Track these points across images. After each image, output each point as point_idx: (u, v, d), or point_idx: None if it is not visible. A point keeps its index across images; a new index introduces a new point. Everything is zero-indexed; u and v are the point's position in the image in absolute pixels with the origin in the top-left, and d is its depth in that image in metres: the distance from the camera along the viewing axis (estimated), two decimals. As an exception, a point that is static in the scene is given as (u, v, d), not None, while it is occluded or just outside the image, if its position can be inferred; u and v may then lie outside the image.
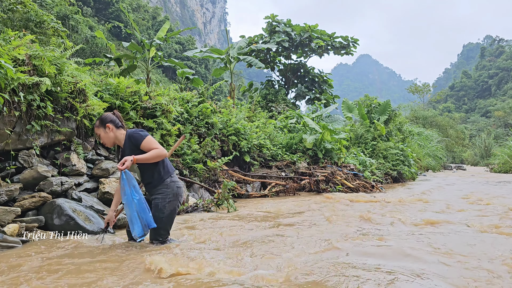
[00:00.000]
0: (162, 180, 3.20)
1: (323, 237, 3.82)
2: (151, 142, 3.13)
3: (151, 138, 3.17)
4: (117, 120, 3.31)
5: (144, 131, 3.22)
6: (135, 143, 3.14)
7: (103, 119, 3.26)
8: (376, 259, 2.97)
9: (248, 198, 7.76)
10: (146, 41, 11.63)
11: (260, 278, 2.44)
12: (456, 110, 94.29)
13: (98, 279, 2.38)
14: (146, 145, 3.11)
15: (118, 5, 57.32)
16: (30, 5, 11.47)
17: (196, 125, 7.76)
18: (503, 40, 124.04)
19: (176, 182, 3.27)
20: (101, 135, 3.27)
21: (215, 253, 3.09)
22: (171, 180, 3.23)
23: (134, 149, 3.14)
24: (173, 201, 3.21)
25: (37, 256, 2.89)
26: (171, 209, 3.19)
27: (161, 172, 3.21)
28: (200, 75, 65.44)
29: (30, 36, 4.51)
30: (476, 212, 5.87)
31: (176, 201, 3.23)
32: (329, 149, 10.63)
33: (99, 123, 3.27)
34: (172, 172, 3.31)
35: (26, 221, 3.55)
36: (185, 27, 71.41)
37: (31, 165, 4.10)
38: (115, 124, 3.27)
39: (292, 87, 22.64)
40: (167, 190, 3.19)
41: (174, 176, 3.29)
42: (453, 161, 44.11)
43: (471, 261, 2.98)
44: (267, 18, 22.08)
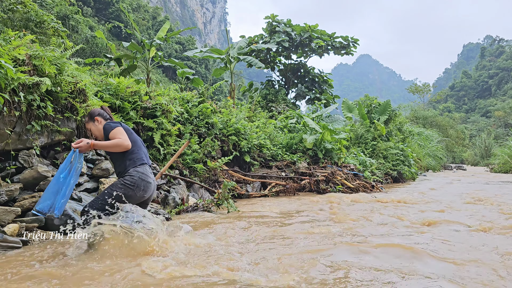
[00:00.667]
0: (126, 170, 3.18)
1: (324, 238, 3.82)
2: (117, 133, 3.17)
3: (119, 130, 3.19)
4: (105, 113, 3.46)
5: (116, 123, 3.27)
6: (105, 134, 3.24)
7: (92, 114, 3.41)
8: (375, 260, 2.97)
9: (248, 198, 7.76)
10: (146, 41, 11.64)
11: (254, 281, 2.44)
12: (456, 110, 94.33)
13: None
14: (112, 136, 3.17)
15: (118, 5, 57.34)
16: (30, 5, 11.48)
17: (196, 125, 7.76)
18: (503, 40, 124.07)
19: (142, 173, 3.15)
20: (92, 129, 3.39)
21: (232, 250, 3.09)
22: (135, 169, 3.15)
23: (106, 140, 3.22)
24: (128, 187, 3.07)
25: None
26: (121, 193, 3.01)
27: (127, 163, 3.20)
28: (200, 75, 65.46)
29: (30, 36, 4.51)
30: (476, 212, 5.87)
31: (132, 190, 3.08)
32: (329, 149, 10.62)
33: (88, 118, 3.40)
34: (140, 164, 3.20)
35: (26, 221, 3.55)
36: (185, 27, 71.42)
37: (31, 165, 4.10)
38: (103, 116, 3.42)
39: (292, 87, 22.65)
40: (128, 177, 3.12)
41: (140, 167, 3.18)
42: (453, 161, 44.12)
43: (471, 261, 2.98)
44: (267, 18, 22.09)
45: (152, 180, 3.25)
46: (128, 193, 3.08)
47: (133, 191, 3.10)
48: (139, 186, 3.13)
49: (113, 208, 3.01)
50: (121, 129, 3.22)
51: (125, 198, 3.06)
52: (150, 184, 3.22)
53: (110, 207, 3.01)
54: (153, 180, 3.27)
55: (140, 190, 3.14)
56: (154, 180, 3.30)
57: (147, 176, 3.20)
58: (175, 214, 5.34)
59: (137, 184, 3.12)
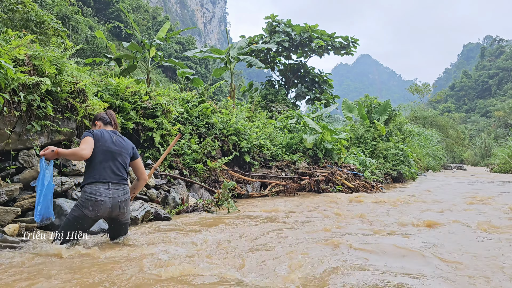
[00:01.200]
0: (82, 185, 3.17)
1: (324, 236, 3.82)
2: (82, 142, 3.16)
3: (86, 139, 3.17)
4: (106, 117, 3.52)
5: (89, 132, 3.25)
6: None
7: (95, 117, 3.55)
8: (375, 260, 2.97)
9: (248, 198, 7.76)
10: (146, 41, 11.64)
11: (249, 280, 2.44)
12: (456, 110, 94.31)
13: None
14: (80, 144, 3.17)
15: (118, 5, 57.33)
16: (30, 5, 11.48)
17: (196, 125, 7.76)
18: (503, 40, 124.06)
19: (88, 193, 3.08)
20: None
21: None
22: (83, 190, 3.12)
23: None
24: (77, 209, 3.07)
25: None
26: (73, 216, 3.07)
27: (84, 177, 3.19)
28: (200, 75, 65.45)
29: (30, 36, 4.51)
30: (476, 212, 5.87)
31: (80, 211, 3.06)
32: (329, 149, 10.62)
33: (92, 122, 3.55)
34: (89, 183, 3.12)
35: (26, 221, 3.55)
36: (185, 27, 71.43)
37: (31, 165, 4.10)
38: (103, 121, 3.50)
39: (292, 87, 22.64)
40: (79, 198, 3.13)
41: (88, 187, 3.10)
42: (453, 161, 44.10)
43: (471, 261, 2.98)
44: (267, 18, 22.09)
45: (105, 197, 3.10)
46: (80, 215, 3.07)
47: (82, 212, 3.06)
48: (86, 207, 3.06)
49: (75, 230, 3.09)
50: (88, 138, 3.18)
51: (79, 220, 3.07)
52: (101, 202, 3.09)
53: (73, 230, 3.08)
54: (108, 197, 3.12)
55: (89, 210, 3.06)
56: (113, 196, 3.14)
57: (95, 195, 3.08)
58: (175, 214, 5.34)
59: (84, 204, 3.07)
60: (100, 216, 3.14)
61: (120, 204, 3.19)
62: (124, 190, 3.25)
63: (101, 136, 3.26)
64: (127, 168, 3.37)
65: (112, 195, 3.15)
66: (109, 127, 3.47)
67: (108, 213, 3.15)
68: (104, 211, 3.11)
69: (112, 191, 3.16)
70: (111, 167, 3.22)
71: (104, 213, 3.13)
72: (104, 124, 3.46)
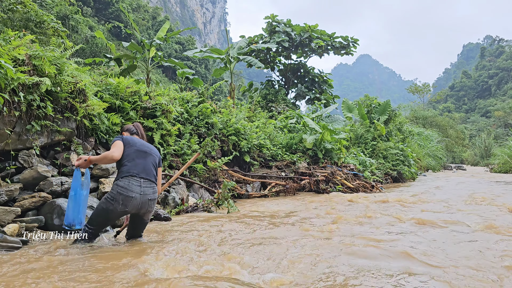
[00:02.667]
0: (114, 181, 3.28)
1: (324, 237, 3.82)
2: (112, 146, 3.34)
3: (115, 143, 3.35)
4: (133, 128, 3.73)
5: (118, 138, 3.43)
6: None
7: (122, 128, 3.76)
8: (374, 261, 2.97)
9: (248, 198, 7.76)
10: (146, 41, 11.63)
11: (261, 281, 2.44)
12: (456, 110, 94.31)
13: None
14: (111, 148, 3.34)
15: (118, 5, 57.31)
16: (30, 5, 11.48)
17: (196, 125, 7.76)
18: (503, 40, 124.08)
19: (121, 187, 3.15)
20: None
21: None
22: (116, 183, 3.20)
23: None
24: (107, 201, 3.14)
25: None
26: (101, 207, 3.16)
27: (117, 174, 3.31)
28: (200, 75, 65.45)
29: (30, 36, 4.51)
30: (476, 212, 5.87)
31: (110, 204, 3.12)
32: (329, 149, 10.63)
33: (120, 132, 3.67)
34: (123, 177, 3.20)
35: (26, 221, 3.55)
36: (185, 27, 71.41)
37: (31, 165, 4.10)
38: (130, 131, 3.70)
39: (292, 87, 22.64)
40: (110, 191, 3.21)
41: (122, 181, 3.18)
42: (453, 161, 44.10)
43: (470, 261, 2.98)
44: (267, 18, 22.09)
45: (136, 194, 3.17)
46: (109, 207, 3.15)
47: (112, 205, 3.13)
48: (117, 200, 3.14)
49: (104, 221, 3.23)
50: (118, 142, 3.36)
51: (107, 212, 3.16)
52: (132, 198, 3.15)
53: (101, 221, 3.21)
54: (139, 194, 3.19)
55: (119, 204, 3.13)
56: (143, 193, 3.22)
57: (127, 190, 3.15)
58: (175, 214, 5.34)
59: (115, 198, 3.14)
60: (128, 212, 3.22)
61: (149, 202, 3.29)
62: (153, 189, 3.34)
63: (131, 139, 3.47)
64: (156, 169, 3.48)
65: (143, 192, 3.23)
66: (136, 137, 3.64)
67: (137, 210, 3.24)
68: (133, 207, 3.20)
69: (143, 188, 3.24)
70: (143, 165, 3.34)
71: (132, 209, 3.21)
72: (131, 134, 3.67)
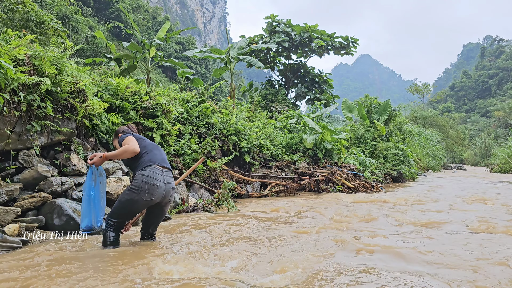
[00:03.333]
0: (134, 174, 3.25)
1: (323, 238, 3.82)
2: (126, 141, 3.30)
3: (128, 138, 3.32)
4: (129, 130, 3.62)
5: (125, 134, 3.43)
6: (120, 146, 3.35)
7: (117, 131, 3.61)
8: (374, 260, 2.97)
9: (248, 198, 7.76)
10: (146, 41, 11.63)
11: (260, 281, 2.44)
12: (456, 110, 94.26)
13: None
14: (123, 144, 3.30)
15: (118, 5, 57.30)
16: (30, 5, 11.48)
17: (196, 125, 7.76)
18: (503, 40, 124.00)
19: (145, 176, 3.13)
20: (115, 146, 3.57)
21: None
22: (140, 173, 3.16)
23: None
24: (132, 192, 3.10)
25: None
26: (126, 198, 3.11)
27: (135, 167, 3.28)
28: (200, 75, 65.43)
29: (30, 36, 4.51)
30: (476, 212, 5.87)
31: (136, 194, 3.09)
32: (329, 149, 10.62)
33: (114, 136, 3.63)
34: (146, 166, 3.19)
35: (26, 221, 3.55)
36: (185, 27, 71.42)
37: (31, 165, 4.10)
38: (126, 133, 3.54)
39: (292, 87, 22.63)
40: (133, 181, 3.17)
41: (145, 170, 3.16)
42: (453, 161, 44.08)
43: (469, 260, 2.98)
44: (267, 18, 22.08)
45: (160, 183, 3.18)
46: (134, 198, 3.11)
47: (138, 195, 3.10)
48: (143, 190, 3.10)
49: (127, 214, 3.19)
50: (130, 137, 3.35)
51: (132, 203, 3.12)
52: (157, 187, 3.16)
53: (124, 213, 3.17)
54: (163, 183, 3.21)
55: (145, 194, 3.11)
56: (166, 182, 3.25)
57: (152, 178, 3.15)
58: (175, 214, 5.34)
59: (140, 187, 3.10)
60: (153, 202, 3.20)
61: (171, 191, 3.33)
62: (172, 178, 3.37)
63: (138, 135, 3.47)
64: None
65: (165, 181, 3.25)
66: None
67: (161, 199, 3.24)
68: (158, 196, 3.19)
69: (165, 178, 3.26)
70: (161, 155, 3.39)
71: (157, 199, 3.21)
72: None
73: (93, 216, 3.19)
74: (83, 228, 3.17)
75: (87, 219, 3.17)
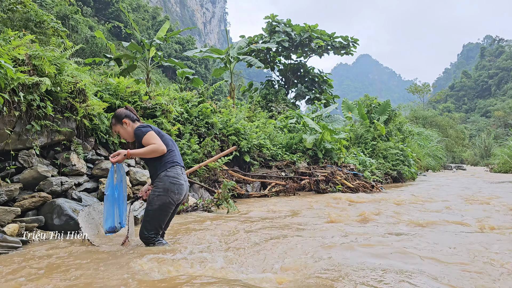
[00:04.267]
0: (157, 174, 3.14)
1: (323, 237, 3.82)
2: (150, 138, 3.11)
3: (151, 134, 3.13)
4: (132, 114, 3.35)
5: (146, 127, 3.19)
6: (138, 140, 3.19)
7: (118, 116, 3.31)
8: (373, 260, 2.97)
9: (248, 198, 7.76)
10: (146, 41, 11.63)
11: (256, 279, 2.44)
12: (456, 110, 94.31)
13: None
14: (146, 141, 3.12)
15: (118, 5, 57.29)
16: (30, 5, 11.47)
17: (196, 125, 7.76)
18: (503, 40, 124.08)
19: (172, 177, 3.10)
20: (120, 132, 3.31)
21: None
22: (165, 174, 3.10)
23: (140, 146, 3.17)
24: (162, 195, 3.06)
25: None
26: (159, 204, 3.05)
27: (157, 166, 3.15)
28: (200, 75, 65.43)
29: (30, 36, 4.51)
30: (476, 211, 5.87)
31: (166, 196, 3.06)
32: (329, 149, 10.62)
33: (115, 121, 3.31)
34: (170, 167, 3.14)
35: (26, 221, 3.55)
36: (185, 27, 71.34)
37: (31, 165, 4.10)
38: (130, 118, 3.32)
39: (292, 87, 22.63)
40: (159, 183, 3.10)
41: (170, 171, 3.12)
42: (453, 161, 44.09)
43: (468, 260, 2.98)
44: (267, 18, 22.07)
45: (184, 181, 3.19)
46: (166, 201, 3.07)
47: (168, 197, 3.07)
48: (173, 190, 3.09)
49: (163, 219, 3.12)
50: (153, 133, 3.15)
51: (166, 207, 3.08)
52: (183, 186, 3.17)
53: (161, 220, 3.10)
54: (185, 181, 3.21)
55: (175, 194, 3.10)
56: (186, 180, 3.26)
57: (177, 179, 3.13)
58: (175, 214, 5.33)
59: (169, 188, 3.08)
60: (181, 202, 3.20)
61: (188, 188, 3.33)
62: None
63: (155, 128, 3.27)
64: None
65: (185, 179, 3.25)
66: (137, 124, 3.33)
67: (184, 198, 3.25)
68: (184, 194, 3.21)
69: (184, 176, 3.26)
70: (178, 152, 3.34)
71: (184, 198, 3.22)
72: (133, 122, 3.33)
73: (116, 216, 3.12)
74: (107, 229, 3.09)
75: (110, 219, 3.09)
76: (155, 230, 3.09)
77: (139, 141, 3.17)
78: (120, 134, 3.34)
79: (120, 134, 3.34)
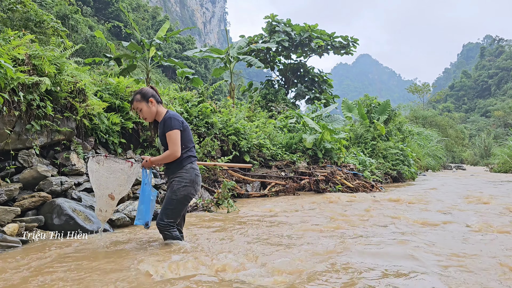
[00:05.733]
0: (181, 165, 3.19)
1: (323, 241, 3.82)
2: (173, 138, 3.10)
3: (175, 134, 3.11)
4: (158, 96, 3.30)
5: (177, 121, 3.16)
6: (164, 129, 3.16)
7: (145, 93, 3.23)
8: (374, 259, 2.98)
9: (248, 197, 7.76)
10: (145, 41, 11.62)
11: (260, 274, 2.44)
12: (456, 110, 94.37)
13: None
14: (169, 137, 3.11)
15: (117, 4, 57.29)
16: (30, 4, 11.48)
17: (195, 125, 7.76)
18: (503, 40, 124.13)
19: (196, 170, 3.25)
20: (143, 109, 3.22)
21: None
22: (191, 166, 3.21)
23: (162, 133, 3.18)
24: (189, 186, 3.15)
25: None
26: (185, 194, 3.14)
27: (183, 155, 3.19)
28: (200, 75, 65.42)
29: (30, 35, 4.51)
30: (475, 211, 5.87)
31: (192, 187, 3.18)
32: (329, 149, 10.62)
33: (140, 97, 3.22)
34: (194, 160, 3.28)
35: (26, 221, 3.55)
36: (184, 26, 71.37)
37: (31, 164, 4.10)
38: (156, 98, 3.27)
39: (292, 87, 22.63)
40: (186, 174, 3.16)
41: (195, 164, 3.27)
42: (453, 161, 44.11)
43: (467, 261, 2.98)
44: (267, 18, 22.07)
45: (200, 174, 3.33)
46: (191, 191, 3.19)
47: (193, 188, 3.20)
48: (197, 182, 3.23)
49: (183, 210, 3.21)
50: (177, 133, 3.12)
51: (188, 198, 3.18)
52: (200, 178, 3.31)
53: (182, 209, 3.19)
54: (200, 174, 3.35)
55: (198, 185, 3.24)
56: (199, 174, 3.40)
57: (198, 171, 3.29)
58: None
59: (195, 180, 3.21)
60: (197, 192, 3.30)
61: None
62: None
63: (184, 122, 3.26)
64: None
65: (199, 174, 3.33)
66: (161, 106, 3.32)
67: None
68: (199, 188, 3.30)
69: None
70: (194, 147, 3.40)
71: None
72: (158, 103, 3.28)
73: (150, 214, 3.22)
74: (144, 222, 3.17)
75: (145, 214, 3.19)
76: (174, 219, 3.17)
77: (165, 129, 3.13)
78: (141, 111, 3.24)
79: (141, 111, 3.24)
